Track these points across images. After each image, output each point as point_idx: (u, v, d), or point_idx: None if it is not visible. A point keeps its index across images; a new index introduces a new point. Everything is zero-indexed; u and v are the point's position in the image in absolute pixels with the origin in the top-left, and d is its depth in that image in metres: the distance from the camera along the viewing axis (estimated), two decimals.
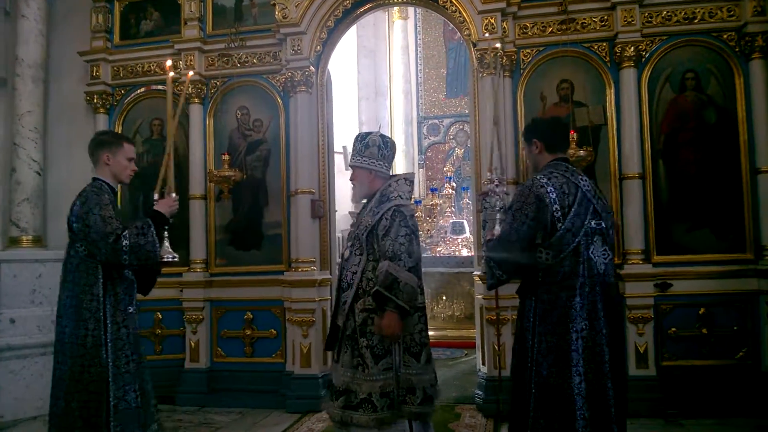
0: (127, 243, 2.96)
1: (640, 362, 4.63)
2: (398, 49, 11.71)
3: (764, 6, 4.66)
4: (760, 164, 4.64)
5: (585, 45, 4.89)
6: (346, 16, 5.41)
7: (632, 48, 4.77)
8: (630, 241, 4.75)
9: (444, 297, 8.10)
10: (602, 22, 4.92)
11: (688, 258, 4.73)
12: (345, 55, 10.12)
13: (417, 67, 12.30)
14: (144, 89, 5.72)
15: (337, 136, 7.04)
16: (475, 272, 5.10)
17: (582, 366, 2.65)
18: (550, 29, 4.98)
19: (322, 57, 5.49)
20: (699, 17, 4.81)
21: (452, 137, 12.16)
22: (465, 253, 9.04)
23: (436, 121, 12.22)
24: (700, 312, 4.69)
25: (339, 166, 9.02)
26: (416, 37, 12.38)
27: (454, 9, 5.08)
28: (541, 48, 5.01)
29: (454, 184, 10.89)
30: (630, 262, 4.72)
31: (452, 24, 5.45)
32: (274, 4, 5.26)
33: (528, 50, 5.03)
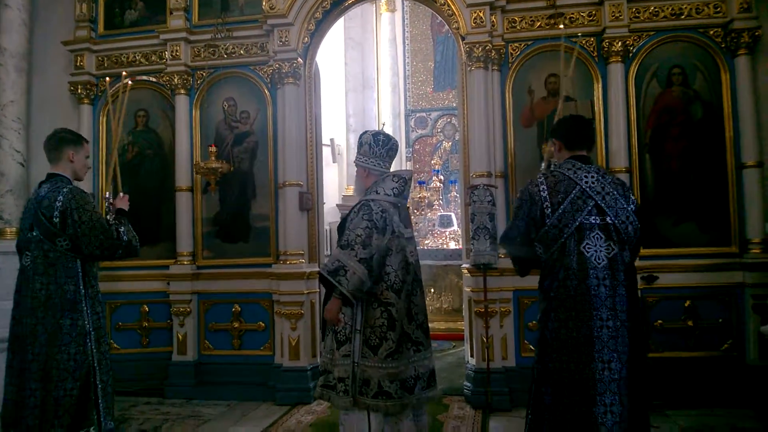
0: (126, 238, 3.31)
1: None
2: (386, 42, 11.68)
3: (750, 3, 4.70)
4: (746, 159, 4.70)
5: (573, 40, 4.92)
6: (335, 8, 5.39)
7: (620, 43, 4.81)
8: None
9: (432, 290, 8.13)
10: (590, 17, 4.95)
11: (674, 251, 4.78)
12: (332, 47, 10.06)
13: (404, 60, 12.30)
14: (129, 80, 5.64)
15: (325, 129, 7.02)
16: (464, 265, 5.11)
17: (556, 355, 2.74)
18: (539, 23, 5.00)
19: (310, 49, 5.46)
20: (686, 13, 4.86)
21: (440, 130, 12.19)
22: (453, 246, 9.08)
23: (424, 114, 12.25)
24: (686, 304, 4.76)
25: (327, 159, 9.01)
26: (404, 30, 12.36)
27: (443, 2, 5.07)
28: (530, 42, 5.02)
29: (442, 177, 10.94)
30: None
31: (441, 17, 5.45)
32: None
33: (516, 44, 5.04)
